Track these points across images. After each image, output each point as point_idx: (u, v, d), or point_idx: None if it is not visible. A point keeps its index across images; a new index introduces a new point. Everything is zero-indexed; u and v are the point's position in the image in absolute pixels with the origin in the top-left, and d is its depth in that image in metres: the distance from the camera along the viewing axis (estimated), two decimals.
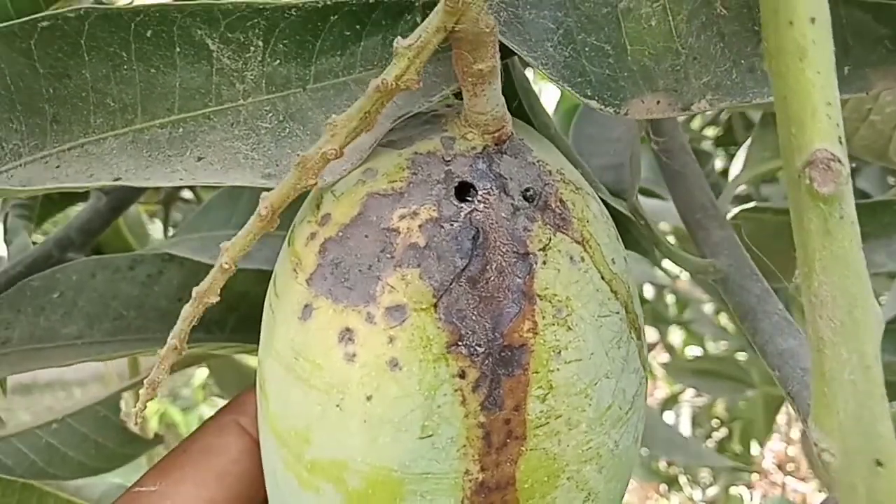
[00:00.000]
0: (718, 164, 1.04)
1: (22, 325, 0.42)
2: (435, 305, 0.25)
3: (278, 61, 0.27)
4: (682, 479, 2.32)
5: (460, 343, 0.25)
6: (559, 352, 0.26)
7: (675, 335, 1.98)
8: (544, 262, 0.26)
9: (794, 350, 0.32)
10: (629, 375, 0.28)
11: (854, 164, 0.83)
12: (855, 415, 0.20)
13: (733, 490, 2.61)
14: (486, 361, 0.25)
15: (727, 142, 1.02)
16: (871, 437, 0.20)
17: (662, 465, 2.43)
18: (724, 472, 2.19)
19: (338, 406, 0.26)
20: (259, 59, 0.27)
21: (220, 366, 0.89)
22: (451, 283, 0.25)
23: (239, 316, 0.43)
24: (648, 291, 1.57)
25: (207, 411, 3.31)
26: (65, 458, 0.58)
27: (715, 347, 1.84)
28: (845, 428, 0.20)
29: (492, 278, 0.25)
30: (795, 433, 2.40)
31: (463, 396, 0.25)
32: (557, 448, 0.26)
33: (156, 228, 0.93)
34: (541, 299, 0.26)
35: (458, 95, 0.28)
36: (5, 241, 0.65)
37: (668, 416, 2.17)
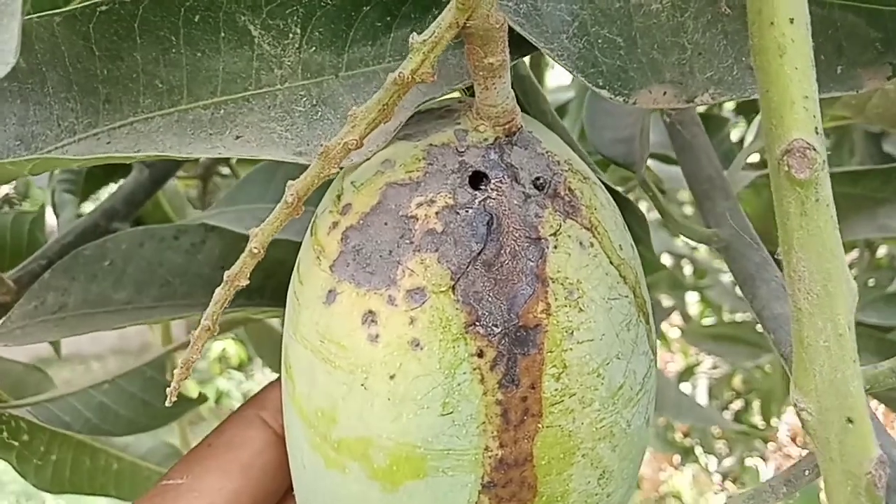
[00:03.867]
0: (736, 135, 1.03)
1: (76, 292, 0.43)
2: (453, 288, 0.26)
3: (314, 48, 0.28)
4: (698, 451, 2.31)
5: (478, 323, 0.26)
6: (572, 332, 0.26)
7: (693, 308, 1.96)
8: (555, 247, 0.27)
9: (789, 315, 0.33)
10: (639, 357, 0.29)
11: (880, 129, 0.83)
12: (829, 377, 0.21)
13: (749, 461, 2.60)
14: (503, 341, 0.26)
15: (749, 109, 1.01)
16: (843, 397, 0.21)
17: (678, 436, 2.42)
18: (739, 443, 2.18)
19: (362, 385, 0.26)
20: (297, 45, 0.28)
21: (257, 332, 0.92)
22: (467, 267, 0.26)
23: (276, 282, 0.45)
24: (666, 260, 1.56)
25: (223, 384, 3.35)
26: (116, 416, 0.60)
27: (732, 319, 1.82)
28: (821, 389, 0.21)
29: (506, 262, 0.26)
30: None
31: (481, 375, 0.26)
32: (572, 426, 0.27)
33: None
34: (553, 282, 0.26)
35: (472, 92, 0.28)
36: (55, 213, 0.67)
37: (685, 388, 2.16)
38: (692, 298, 1.85)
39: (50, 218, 0.68)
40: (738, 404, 2.30)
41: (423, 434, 0.26)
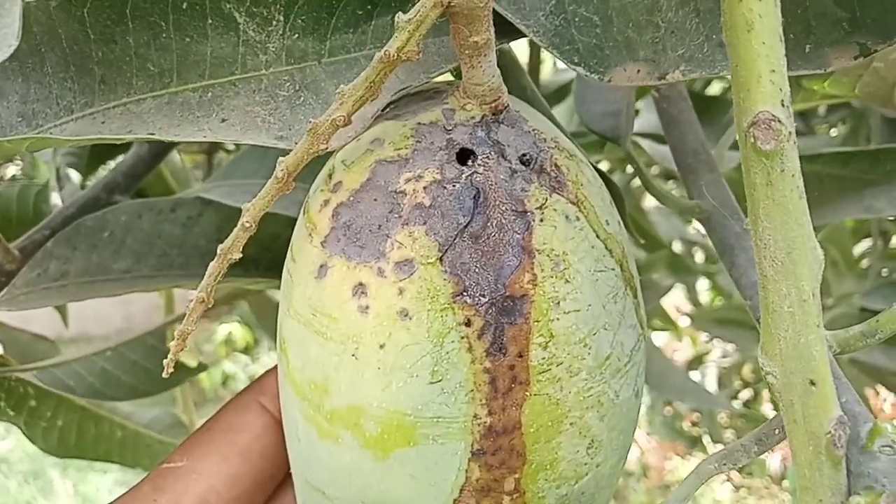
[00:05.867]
0: None
1: (77, 261, 0.44)
2: (441, 259, 0.26)
3: (297, 35, 0.29)
4: (706, 440, 2.31)
5: (465, 293, 0.26)
6: (558, 302, 0.27)
7: (705, 297, 1.95)
8: (541, 220, 0.27)
9: None
10: (626, 330, 0.29)
11: None
12: (793, 342, 0.22)
13: None
14: (490, 310, 0.26)
15: None
16: (806, 361, 0.22)
17: (686, 424, 2.42)
18: (746, 433, 2.17)
19: (353, 355, 0.27)
20: (280, 32, 0.28)
21: (259, 305, 0.94)
22: (454, 239, 0.26)
23: (271, 256, 0.46)
24: (677, 247, 1.56)
25: (229, 367, 3.37)
26: (118, 382, 0.62)
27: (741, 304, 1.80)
28: (785, 353, 0.22)
29: (492, 234, 0.26)
30: None
31: (469, 343, 0.26)
32: (560, 394, 0.27)
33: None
34: (539, 253, 0.27)
35: (459, 75, 0.29)
36: (59, 186, 0.69)
37: (694, 377, 2.15)
38: (702, 286, 1.85)
39: (54, 193, 0.70)
40: (747, 393, 2.30)
41: (413, 402, 0.26)
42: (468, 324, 0.26)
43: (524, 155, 0.28)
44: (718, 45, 0.28)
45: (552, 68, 1.18)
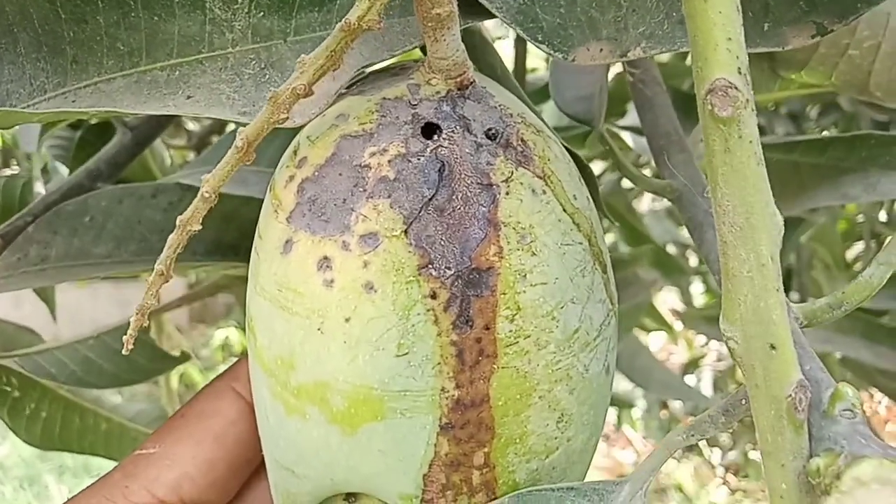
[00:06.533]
0: None
1: (58, 245, 0.45)
2: (405, 232, 0.26)
3: (262, 14, 0.29)
4: (702, 443, 2.31)
5: (430, 266, 0.26)
6: (525, 275, 0.27)
7: (698, 300, 1.96)
8: (507, 193, 0.27)
9: None
10: (595, 304, 0.29)
11: (888, 118, 0.82)
12: (753, 306, 0.22)
13: (752, 454, 2.61)
14: (456, 283, 0.26)
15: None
16: (766, 325, 0.22)
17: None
18: (743, 435, 2.15)
19: (319, 329, 0.27)
20: (246, 11, 0.29)
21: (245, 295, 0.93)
22: (419, 212, 0.26)
23: (250, 241, 0.47)
24: (671, 250, 1.57)
25: None
26: (100, 370, 0.62)
27: None
28: (745, 318, 0.22)
29: (458, 207, 0.26)
30: None
31: (435, 316, 0.26)
32: (528, 367, 0.27)
33: None
34: (505, 226, 0.27)
35: (425, 52, 0.29)
36: (44, 178, 0.69)
37: (689, 380, 2.15)
38: (697, 290, 1.85)
39: (39, 184, 0.70)
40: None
41: (380, 375, 0.26)
42: (434, 296, 0.26)
43: (490, 129, 0.28)
44: (678, 22, 0.29)
45: (546, 70, 1.18)
